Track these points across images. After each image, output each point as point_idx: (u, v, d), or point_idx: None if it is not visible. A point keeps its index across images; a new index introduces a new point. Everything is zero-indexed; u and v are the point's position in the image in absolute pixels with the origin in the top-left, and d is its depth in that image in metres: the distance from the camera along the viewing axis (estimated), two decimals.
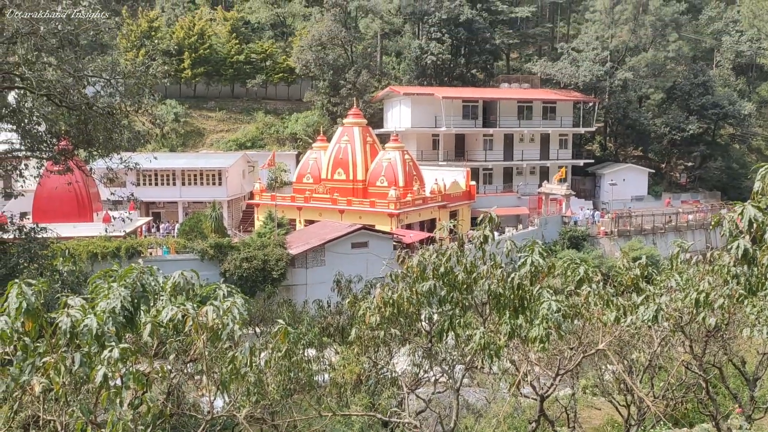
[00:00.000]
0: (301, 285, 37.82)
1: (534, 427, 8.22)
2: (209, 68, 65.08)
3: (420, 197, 47.02)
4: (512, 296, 7.01)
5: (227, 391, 5.62)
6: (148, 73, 18.73)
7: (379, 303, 7.50)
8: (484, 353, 6.99)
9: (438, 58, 62.37)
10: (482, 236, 7.40)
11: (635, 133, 64.88)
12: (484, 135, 58.14)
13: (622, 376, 14.30)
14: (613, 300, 7.51)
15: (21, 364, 4.88)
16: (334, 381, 13.88)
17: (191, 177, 51.18)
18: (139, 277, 5.30)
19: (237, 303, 5.52)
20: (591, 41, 63.05)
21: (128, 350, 4.81)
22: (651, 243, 50.13)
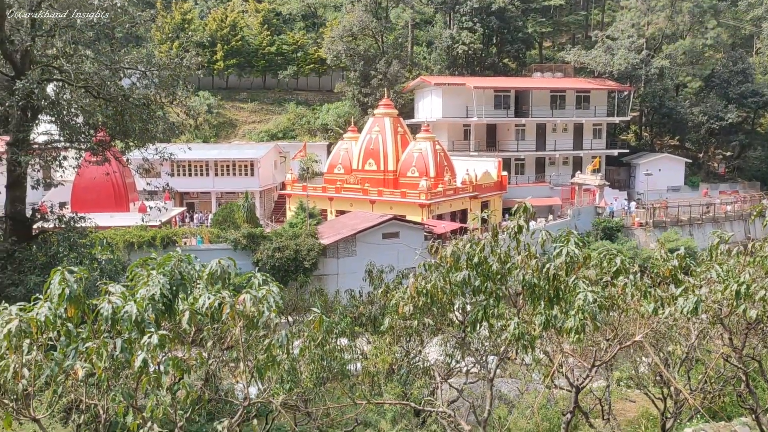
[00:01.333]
0: (332, 275, 38.04)
1: (569, 418, 8.14)
2: (241, 60, 65.60)
3: (451, 188, 46.81)
4: (547, 287, 6.94)
5: (262, 378, 5.70)
6: (182, 64, 18.97)
7: (412, 293, 7.50)
8: (518, 344, 6.95)
9: (469, 48, 61.83)
10: (516, 226, 7.33)
11: (672, 122, 63.51)
12: (516, 125, 57.54)
13: (658, 368, 14.09)
14: (651, 291, 7.39)
15: (64, 349, 5.00)
16: (366, 370, 13.94)
17: (224, 168, 51.77)
18: (177, 265, 5.39)
19: (273, 291, 5.57)
20: (626, 29, 61.79)
21: (167, 337, 4.90)
22: (687, 234, 49.16)
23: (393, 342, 14.41)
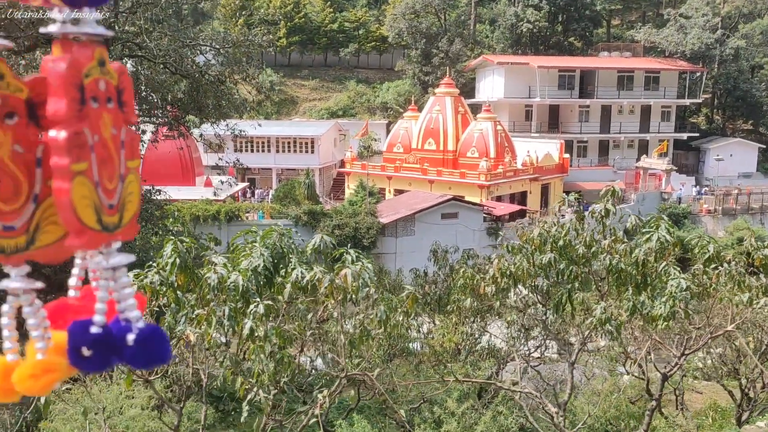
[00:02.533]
0: (390, 254, 38.29)
1: (654, 405, 8.06)
2: (303, 37, 66.04)
3: (511, 169, 46.20)
4: (635, 272, 6.85)
5: (357, 350, 5.86)
6: (254, 42, 19.27)
7: (496, 273, 7.52)
8: (603, 328, 6.91)
9: (534, 26, 60.48)
10: (603, 210, 7.24)
11: (745, 106, 60.75)
12: (579, 106, 56.15)
13: (732, 360, 13.74)
14: (745, 281, 7.20)
15: (175, 315, 5.27)
16: (432, 349, 14.08)
17: (285, 144, 52.47)
18: (279, 239, 5.57)
19: (368, 267, 5.70)
20: (701, 7, 59.16)
21: (272, 307, 5.09)
22: (758, 223, 47.22)
23: (459, 322, 14.49)
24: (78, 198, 0.83)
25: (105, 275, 0.91)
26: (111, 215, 0.89)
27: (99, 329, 0.90)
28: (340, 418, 11.99)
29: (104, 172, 0.88)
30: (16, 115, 0.87)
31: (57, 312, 0.95)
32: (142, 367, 0.92)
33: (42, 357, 0.90)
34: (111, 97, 0.90)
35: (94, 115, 0.86)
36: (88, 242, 0.86)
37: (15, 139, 0.87)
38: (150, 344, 0.90)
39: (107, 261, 0.90)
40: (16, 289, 0.90)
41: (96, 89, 0.87)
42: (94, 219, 0.86)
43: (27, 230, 0.89)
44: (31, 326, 0.91)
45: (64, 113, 0.83)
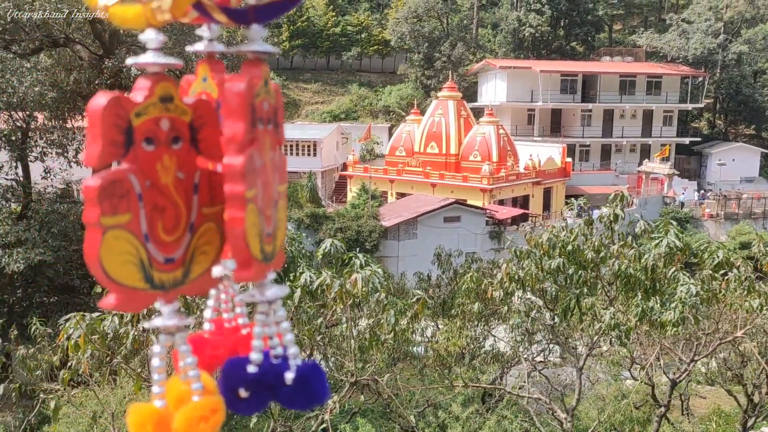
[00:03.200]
0: (392, 257, 38.26)
1: (663, 411, 8.04)
2: (306, 40, 66.15)
3: (513, 173, 46.20)
4: (644, 278, 6.84)
5: (366, 355, 5.84)
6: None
7: (504, 278, 7.51)
8: (611, 334, 6.89)
9: (536, 31, 60.56)
10: (612, 215, 7.23)
11: (748, 110, 60.77)
12: (582, 110, 56.18)
13: (735, 365, 13.69)
14: (755, 286, 7.18)
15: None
16: (437, 353, 14.05)
17: (287, 147, 52.49)
18: (289, 243, 5.56)
19: (377, 272, 5.69)
20: (703, 12, 59.25)
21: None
22: (761, 227, 47.14)
23: (463, 326, 14.46)
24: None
25: (261, 309, 0.84)
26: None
27: (257, 368, 0.83)
28: (344, 422, 11.97)
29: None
30: (181, 140, 0.83)
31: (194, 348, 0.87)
32: (300, 408, 0.86)
33: (198, 399, 0.82)
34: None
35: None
36: (255, 274, 0.80)
37: (179, 164, 0.83)
38: (309, 382, 0.84)
39: (263, 294, 0.83)
40: (171, 328, 0.82)
41: (263, 110, 0.82)
42: (258, 248, 0.80)
43: (184, 262, 0.84)
44: (187, 365, 0.83)
45: (242, 137, 0.78)
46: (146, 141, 0.80)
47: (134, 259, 0.78)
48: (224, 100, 0.79)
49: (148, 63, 0.80)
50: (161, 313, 0.83)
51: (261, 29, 0.81)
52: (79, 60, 18.56)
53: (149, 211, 0.80)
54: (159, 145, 0.81)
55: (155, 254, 0.81)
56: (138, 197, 0.79)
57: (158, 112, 0.80)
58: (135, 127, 0.78)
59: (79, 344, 5.47)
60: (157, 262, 0.81)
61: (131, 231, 0.78)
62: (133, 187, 0.78)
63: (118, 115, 0.77)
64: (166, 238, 0.82)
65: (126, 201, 0.78)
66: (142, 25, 0.78)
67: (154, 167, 0.81)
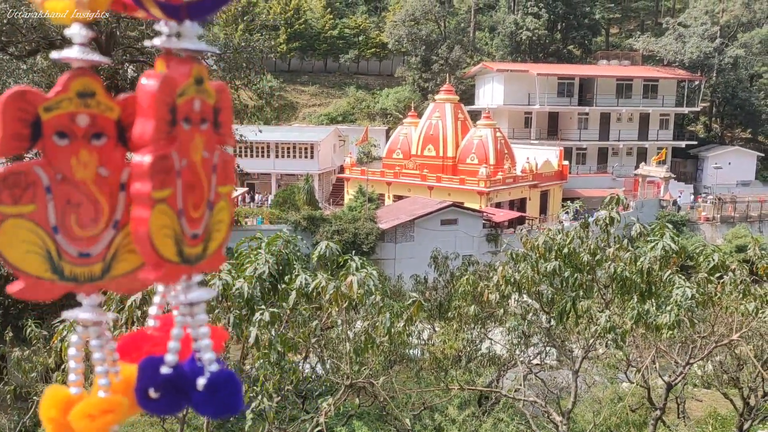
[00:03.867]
0: (389, 259, 38.25)
1: (658, 414, 8.04)
2: (304, 43, 66.17)
3: (510, 176, 46.24)
4: (640, 281, 6.84)
5: (362, 357, 5.84)
6: (256, 48, 19.33)
7: (500, 281, 7.51)
8: (607, 337, 6.89)
9: (534, 34, 60.69)
10: (608, 218, 7.24)
11: (744, 114, 60.95)
12: (579, 113, 56.29)
13: (730, 368, 13.71)
14: (750, 289, 7.20)
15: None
16: (433, 356, 14.05)
17: (284, 150, 52.45)
18: (284, 246, 5.56)
19: (373, 275, 5.68)
20: (699, 16, 59.43)
21: (277, 314, 5.07)
22: (757, 231, 47.27)
23: (460, 329, 14.47)
24: (156, 228, 0.77)
25: (182, 311, 0.83)
26: (193, 246, 0.82)
27: (170, 369, 0.82)
28: (340, 424, 11.95)
29: (190, 199, 0.81)
30: (104, 136, 0.82)
31: (133, 343, 0.87)
32: (211, 416, 0.83)
33: (104, 395, 0.83)
34: (206, 118, 0.83)
35: (184, 138, 0.80)
36: (164, 276, 0.79)
37: (101, 161, 0.82)
38: (220, 392, 0.81)
39: (185, 295, 0.83)
40: (86, 321, 0.83)
41: (190, 109, 0.81)
42: (174, 251, 0.79)
43: (104, 258, 0.83)
44: (96, 360, 0.84)
45: (150, 136, 0.77)
46: (58, 135, 0.79)
47: (39, 249, 0.78)
48: (138, 99, 0.78)
49: (71, 58, 0.80)
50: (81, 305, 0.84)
51: (194, 26, 0.81)
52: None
53: (60, 204, 0.80)
54: (75, 140, 0.80)
55: (66, 247, 0.80)
56: (46, 190, 0.78)
57: (74, 108, 0.80)
58: (44, 121, 0.78)
59: None
60: (69, 255, 0.80)
61: (36, 222, 0.78)
62: (39, 179, 0.78)
63: (22, 109, 0.77)
64: (81, 232, 0.81)
65: (31, 192, 0.77)
66: (69, 19, 0.78)
67: (68, 162, 0.80)
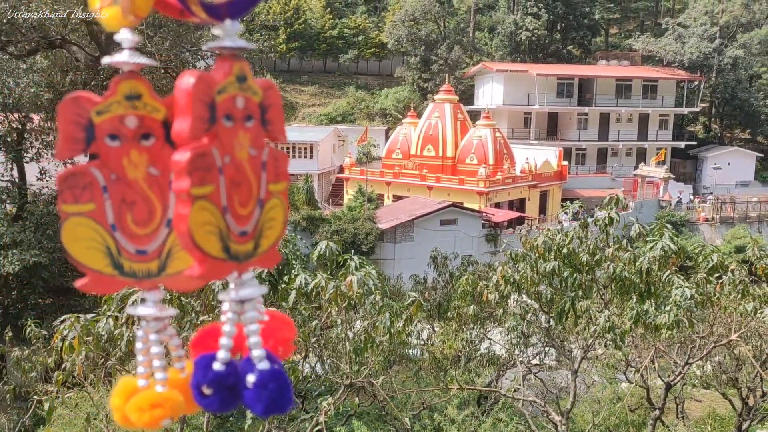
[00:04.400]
0: (389, 259, 38.27)
1: (657, 414, 8.06)
2: (303, 43, 66.17)
3: (510, 176, 46.27)
4: (639, 281, 6.86)
5: (361, 357, 5.85)
6: (255, 47, 19.30)
7: (500, 281, 7.53)
8: (606, 337, 6.90)
9: (533, 34, 60.72)
10: (607, 218, 7.25)
11: (743, 115, 61.00)
12: (578, 114, 56.33)
13: (729, 368, 13.73)
14: (749, 290, 7.21)
15: (180, 321, 5.25)
16: (432, 356, 14.06)
17: (284, 149, 52.24)
18: (283, 245, 5.56)
19: (372, 274, 5.69)
20: (699, 16, 59.49)
21: None
22: (756, 231, 47.31)
23: (459, 329, 14.48)
24: (197, 224, 0.78)
25: (233, 308, 0.84)
26: (242, 243, 0.83)
27: (222, 367, 0.83)
28: (339, 424, 11.95)
29: (236, 196, 0.82)
30: (152, 137, 0.85)
31: (208, 337, 0.88)
32: (261, 414, 0.83)
33: (161, 389, 0.85)
34: (252, 115, 0.85)
35: (226, 135, 0.82)
36: (207, 272, 0.80)
37: (151, 161, 0.85)
38: (269, 389, 0.82)
39: (236, 292, 0.84)
40: (148, 316, 0.86)
41: (232, 106, 0.82)
42: (219, 247, 0.80)
43: (159, 256, 0.86)
44: (154, 355, 0.86)
45: (188, 133, 0.79)
46: (110, 137, 0.82)
47: (99, 245, 0.82)
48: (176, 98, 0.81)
49: (122, 62, 0.83)
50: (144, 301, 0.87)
51: (234, 25, 0.82)
52: (76, 61, 18.55)
53: (116, 203, 0.83)
54: (125, 141, 0.83)
55: (124, 244, 0.84)
56: (102, 189, 0.82)
57: (123, 110, 0.83)
58: (96, 125, 0.81)
59: (73, 346, 5.46)
60: (127, 251, 0.84)
61: (96, 219, 0.82)
62: (96, 180, 0.82)
63: (76, 114, 0.80)
64: (137, 230, 0.84)
65: (89, 192, 0.81)
66: (117, 25, 0.81)
67: (120, 162, 0.83)
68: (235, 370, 0.83)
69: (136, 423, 0.84)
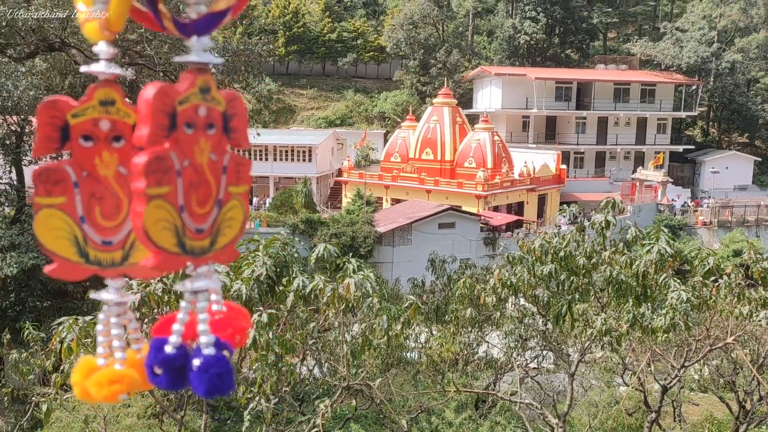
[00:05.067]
0: (387, 263, 38.28)
1: (654, 417, 8.07)
2: (302, 46, 66.25)
3: (508, 179, 46.32)
4: (635, 284, 6.88)
5: (358, 359, 5.86)
6: (255, 51, 19.36)
7: (497, 284, 7.55)
8: (603, 340, 6.93)
9: (531, 38, 60.85)
10: (604, 221, 7.28)
11: (741, 119, 61.16)
12: (576, 118, 56.43)
13: (727, 372, 13.75)
14: (745, 293, 7.24)
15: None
16: (430, 359, 14.06)
17: (282, 153, 52.47)
18: (282, 248, 5.59)
19: (370, 277, 5.71)
20: (697, 20, 59.65)
21: (275, 316, 5.10)
22: (754, 235, 47.39)
23: (457, 332, 14.48)
24: (152, 221, 0.85)
25: (188, 298, 0.92)
26: (199, 239, 0.90)
27: (172, 350, 0.91)
28: (338, 427, 11.96)
29: (193, 196, 0.89)
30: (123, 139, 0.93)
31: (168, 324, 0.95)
32: (203, 395, 0.91)
33: (119, 367, 0.93)
34: (214, 123, 0.92)
35: (186, 141, 0.89)
36: (161, 264, 0.87)
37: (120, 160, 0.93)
38: (210, 374, 0.89)
39: (191, 284, 0.92)
40: (109, 301, 0.94)
41: (193, 115, 0.89)
42: (173, 242, 0.88)
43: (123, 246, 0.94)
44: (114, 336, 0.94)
45: (146, 139, 0.86)
46: (83, 138, 0.91)
47: (68, 235, 0.90)
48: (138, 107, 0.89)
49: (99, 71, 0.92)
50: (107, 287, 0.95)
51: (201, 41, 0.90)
52: (75, 64, 18.58)
53: (86, 197, 0.91)
54: (98, 142, 0.92)
55: (91, 235, 0.92)
56: (74, 184, 0.90)
57: (97, 114, 0.92)
58: (72, 126, 0.90)
59: (71, 348, 5.48)
60: (93, 242, 0.92)
61: (65, 211, 0.90)
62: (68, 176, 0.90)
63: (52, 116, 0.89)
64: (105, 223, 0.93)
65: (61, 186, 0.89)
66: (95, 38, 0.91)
67: (92, 161, 0.92)
68: (184, 354, 0.91)
69: (96, 397, 0.92)
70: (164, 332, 0.94)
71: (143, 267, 0.88)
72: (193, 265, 0.91)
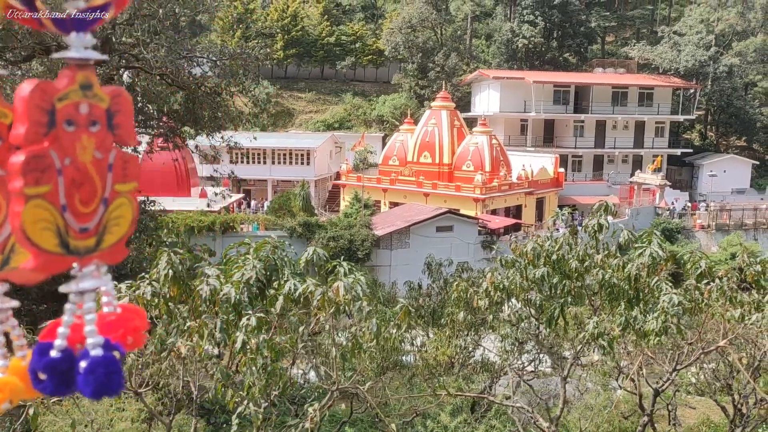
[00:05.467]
0: (385, 266, 38.26)
1: (646, 421, 8.06)
2: (300, 50, 66.32)
3: (506, 183, 46.34)
4: (627, 287, 6.88)
5: (349, 362, 5.85)
6: (252, 54, 19.36)
7: (489, 287, 7.54)
8: (595, 343, 6.92)
9: (530, 42, 60.95)
10: (597, 225, 7.28)
11: (739, 122, 61.27)
12: (574, 121, 56.48)
13: (725, 375, 13.73)
14: (737, 296, 7.24)
15: (167, 326, 5.26)
16: (426, 362, 14.05)
17: (281, 156, 52.50)
18: (272, 251, 5.58)
19: (360, 280, 5.70)
20: (695, 24, 59.78)
21: (264, 320, 5.09)
22: (752, 239, 47.42)
23: (453, 336, 14.46)
24: (31, 221, 0.83)
25: (74, 299, 0.90)
26: (83, 239, 0.89)
27: (57, 353, 0.89)
28: (333, 431, 11.92)
29: (77, 195, 0.88)
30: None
31: (56, 328, 0.93)
32: (90, 396, 0.88)
33: (1, 375, 0.91)
34: (97, 120, 0.90)
35: (67, 138, 0.87)
36: (42, 265, 0.85)
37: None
38: (98, 374, 0.87)
39: (77, 284, 0.90)
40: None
41: (74, 112, 0.88)
42: (55, 242, 0.86)
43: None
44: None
45: (23, 137, 0.84)
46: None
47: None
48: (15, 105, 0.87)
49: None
50: None
51: (80, 36, 0.89)
52: None
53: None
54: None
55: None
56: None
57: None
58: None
59: None
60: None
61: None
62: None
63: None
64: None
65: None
66: None
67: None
68: (70, 357, 0.89)
69: None
70: (50, 336, 0.92)
71: (23, 270, 0.86)
72: (78, 265, 0.89)
